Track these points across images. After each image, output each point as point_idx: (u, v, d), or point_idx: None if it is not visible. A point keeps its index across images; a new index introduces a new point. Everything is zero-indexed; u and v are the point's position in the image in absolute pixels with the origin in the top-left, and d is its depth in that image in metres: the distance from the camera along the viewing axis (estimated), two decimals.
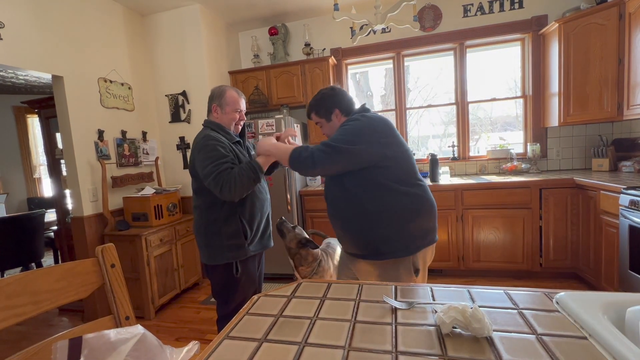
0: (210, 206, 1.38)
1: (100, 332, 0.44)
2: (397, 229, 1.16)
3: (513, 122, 3.49)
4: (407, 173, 1.21)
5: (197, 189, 1.41)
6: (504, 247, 2.60)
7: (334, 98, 1.33)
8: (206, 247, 1.42)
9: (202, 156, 1.29)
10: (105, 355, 0.42)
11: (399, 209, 1.16)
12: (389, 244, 1.16)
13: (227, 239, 1.38)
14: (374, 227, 1.16)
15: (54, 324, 2.56)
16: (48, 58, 2.18)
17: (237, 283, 1.44)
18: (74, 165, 2.35)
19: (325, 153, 1.13)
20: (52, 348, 0.40)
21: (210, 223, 1.39)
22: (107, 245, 0.68)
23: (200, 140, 1.34)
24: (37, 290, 0.57)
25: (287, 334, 0.65)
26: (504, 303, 0.71)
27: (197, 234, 1.46)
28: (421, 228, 1.20)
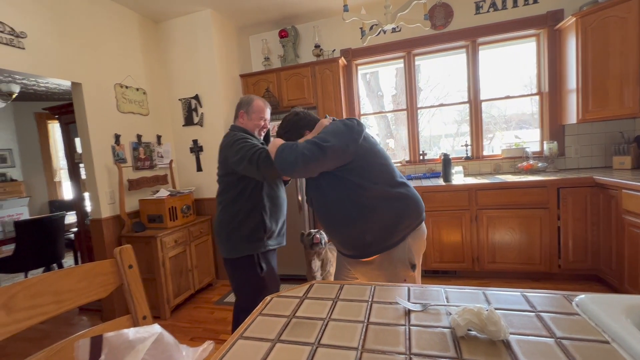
0: (233, 201, 1.47)
1: (119, 331, 0.45)
2: (384, 230, 1.18)
3: (528, 120, 3.41)
4: (389, 174, 1.23)
5: (224, 185, 1.49)
6: (521, 248, 2.54)
7: (300, 122, 1.35)
8: (227, 241, 1.49)
9: (235, 148, 1.37)
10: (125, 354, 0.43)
11: (385, 213, 1.17)
12: (378, 243, 1.19)
13: (248, 232, 1.46)
14: (362, 230, 1.18)
15: (74, 323, 2.65)
16: (67, 65, 2.26)
17: (261, 277, 1.50)
18: (92, 169, 2.42)
19: (314, 146, 1.08)
20: (74, 346, 0.41)
21: (232, 217, 1.47)
22: (125, 247, 0.70)
23: (230, 139, 1.44)
24: (59, 290, 0.59)
25: (300, 335, 0.65)
26: (521, 305, 0.69)
27: (218, 228, 1.53)
28: (408, 224, 1.21)
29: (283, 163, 1.08)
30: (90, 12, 2.45)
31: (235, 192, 1.46)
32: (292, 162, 1.05)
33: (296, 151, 1.05)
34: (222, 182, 1.50)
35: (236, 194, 1.46)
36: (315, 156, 1.05)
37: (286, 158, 1.06)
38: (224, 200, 1.50)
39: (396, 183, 1.23)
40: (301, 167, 1.06)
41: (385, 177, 1.22)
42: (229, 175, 1.46)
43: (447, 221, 2.67)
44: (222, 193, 1.50)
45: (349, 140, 1.14)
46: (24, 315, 0.54)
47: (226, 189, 1.49)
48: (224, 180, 1.49)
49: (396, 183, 1.23)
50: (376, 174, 1.20)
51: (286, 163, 1.07)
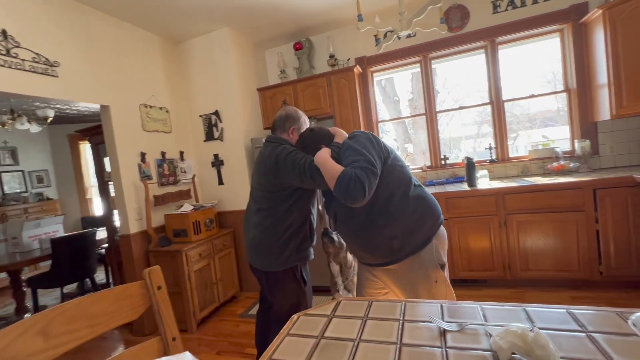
0: (285, 214, 1.44)
1: None
2: (410, 233, 1.23)
3: (554, 117, 3.25)
4: (407, 177, 1.29)
5: (274, 200, 1.44)
6: (556, 254, 2.39)
7: (315, 137, 1.40)
8: (279, 254, 1.45)
9: (289, 160, 1.34)
10: None
11: (408, 216, 1.23)
12: (406, 247, 1.23)
13: (298, 243, 1.47)
14: (389, 236, 1.23)
15: (106, 337, 2.72)
16: (96, 90, 2.39)
17: (304, 291, 1.52)
18: (120, 187, 2.52)
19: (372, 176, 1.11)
20: None
21: (285, 230, 1.44)
22: (154, 268, 0.70)
23: (281, 153, 1.38)
24: (93, 314, 0.60)
25: (330, 358, 0.63)
26: (569, 325, 0.64)
27: (267, 242, 1.47)
28: (425, 227, 1.26)
29: (354, 199, 1.09)
30: (117, 38, 2.59)
31: (286, 205, 1.43)
32: (360, 196, 1.08)
33: (361, 182, 1.08)
34: (273, 197, 1.44)
35: (287, 207, 1.43)
36: (374, 180, 1.12)
37: (356, 195, 1.07)
38: (272, 214, 1.45)
39: (413, 186, 1.28)
40: (369, 196, 1.10)
41: (404, 181, 1.27)
42: (282, 190, 1.42)
43: (474, 227, 2.57)
44: (271, 207, 1.45)
45: (379, 152, 1.21)
46: (60, 341, 0.55)
47: (278, 202, 1.44)
48: (276, 195, 1.43)
49: (413, 186, 1.28)
50: (396, 178, 1.25)
51: (357, 199, 1.08)
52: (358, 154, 1.16)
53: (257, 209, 1.51)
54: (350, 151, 1.20)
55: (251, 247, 1.54)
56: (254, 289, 3.16)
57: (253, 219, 1.53)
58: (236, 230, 3.18)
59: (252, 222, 1.54)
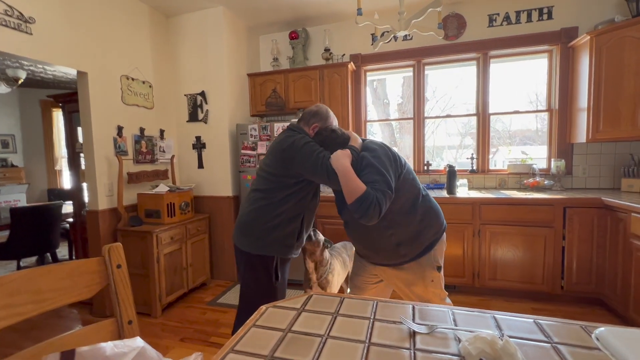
0: (282, 201, 1.41)
1: (95, 346, 0.40)
2: (414, 240, 1.35)
3: (533, 137, 3.38)
4: (416, 188, 1.37)
5: (277, 184, 1.42)
6: (523, 267, 2.48)
7: (337, 140, 1.41)
8: (259, 236, 1.42)
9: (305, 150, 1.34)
10: None
11: (415, 226, 1.35)
12: (410, 253, 1.36)
13: (283, 235, 1.43)
14: (396, 242, 1.34)
15: (63, 315, 2.59)
16: (74, 54, 2.24)
17: (274, 286, 1.47)
18: (92, 160, 2.39)
19: (388, 200, 1.19)
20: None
21: (275, 216, 1.41)
22: (115, 245, 0.65)
23: (299, 140, 1.37)
24: (39, 289, 0.54)
25: (295, 353, 0.60)
26: (535, 335, 0.64)
27: (252, 222, 1.44)
28: (429, 234, 1.38)
29: (369, 220, 1.16)
30: (101, 1, 2.43)
31: (286, 193, 1.41)
32: (375, 218, 1.16)
33: (380, 207, 1.14)
34: (274, 180, 1.42)
35: (286, 196, 1.41)
36: (389, 203, 1.20)
37: (372, 218, 1.15)
38: (269, 197, 1.43)
39: (421, 197, 1.37)
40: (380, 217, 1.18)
41: (414, 193, 1.36)
42: (287, 177, 1.40)
43: (449, 234, 2.61)
44: (271, 190, 1.43)
45: (395, 171, 1.28)
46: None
47: (277, 187, 1.42)
48: (278, 179, 1.41)
49: (421, 197, 1.37)
50: (407, 192, 1.33)
51: (372, 220, 1.16)
52: (378, 173, 1.20)
53: (254, 189, 1.49)
54: (370, 169, 1.23)
55: (238, 225, 1.50)
56: (226, 277, 3.09)
57: (247, 199, 1.51)
58: (212, 216, 3.10)
59: (244, 203, 1.52)
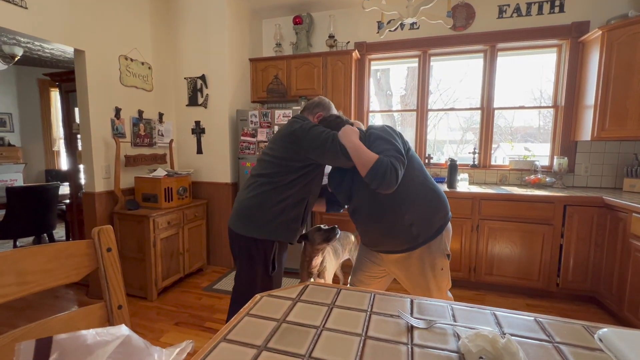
0: (287, 185, 1.40)
1: (75, 333, 0.38)
2: (426, 219, 1.32)
3: (535, 134, 3.35)
4: (424, 172, 1.38)
5: (282, 167, 1.40)
6: (520, 263, 2.48)
7: (341, 124, 1.43)
8: (262, 219, 1.40)
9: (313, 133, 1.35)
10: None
11: (426, 204, 1.33)
12: (422, 234, 1.31)
13: (287, 219, 1.42)
14: (409, 221, 1.30)
15: (59, 296, 2.60)
16: (71, 31, 2.17)
17: (270, 277, 1.45)
18: (89, 141, 2.35)
19: (402, 166, 1.20)
20: (15, 349, 0.35)
21: (280, 200, 1.40)
22: (105, 227, 0.63)
23: (305, 125, 1.39)
24: (24, 270, 0.52)
25: (289, 344, 0.59)
26: (536, 333, 0.63)
27: (255, 206, 1.41)
28: (438, 217, 1.35)
29: (388, 187, 1.17)
30: None
31: (292, 177, 1.40)
32: (394, 184, 1.17)
33: (397, 171, 1.16)
34: (280, 164, 1.40)
35: (292, 180, 1.40)
36: (403, 170, 1.21)
37: (391, 183, 1.16)
38: (275, 181, 1.40)
39: (428, 179, 1.38)
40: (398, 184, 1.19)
41: (422, 171, 1.37)
42: (294, 160, 1.39)
43: None
44: (276, 174, 1.41)
45: (403, 144, 1.31)
46: None
47: (283, 171, 1.40)
48: (285, 163, 1.40)
49: (428, 179, 1.38)
50: (415, 168, 1.34)
51: (391, 187, 1.17)
52: (388, 143, 1.23)
53: (257, 174, 1.45)
54: (379, 141, 1.26)
55: (237, 210, 1.45)
56: (222, 263, 3.10)
57: (248, 185, 1.47)
58: (210, 202, 3.08)
59: (244, 190, 1.47)
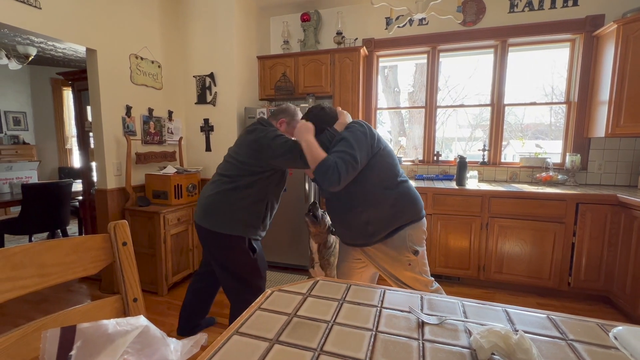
0: (247, 185, 1.52)
1: (97, 323, 0.39)
2: (384, 221, 1.37)
3: (546, 131, 3.29)
4: (393, 172, 1.40)
5: (244, 170, 1.52)
6: (530, 261, 2.44)
7: (325, 117, 1.47)
8: (224, 215, 1.52)
9: (278, 141, 1.46)
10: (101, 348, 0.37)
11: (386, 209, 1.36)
12: (378, 233, 1.37)
13: (247, 216, 1.54)
14: (366, 221, 1.37)
15: (73, 290, 2.66)
16: (83, 30, 2.21)
17: (254, 259, 1.58)
18: (101, 139, 2.39)
19: (351, 169, 1.23)
20: (42, 336, 0.36)
21: (240, 198, 1.52)
22: (120, 222, 0.64)
23: (270, 132, 1.50)
24: (44, 263, 0.54)
25: (301, 337, 0.59)
26: (549, 331, 0.62)
27: (218, 202, 1.54)
28: (400, 218, 1.38)
29: (328, 184, 1.23)
30: None
31: (252, 179, 1.52)
32: (335, 183, 1.22)
33: (338, 172, 1.21)
34: (242, 168, 1.53)
35: (253, 181, 1.52)
36: (352, 173, 1.25)
37: (331, 179, 1.22)
38: (236, 180, 1.53)
39: (398, 182, 1.40)
40: (343, 184, 1.24)
41: (390, 175, 1.39)
42: (255, 166, 1.51)
43: (456, 226, 2.59)
44: (237, 176, 1.53)
45: (368, 148, 1.32)
46: (2, 287, 0.49)
47: (244, 174, 1.52)
48: (246, 167, 1.52)
49: (398, 182, 1.40)
50: (382, 172, 1.37)
51: (332, 183, 1.22)
52: (346, 145, 1.27)
53: (220, 174, 1.59)
54: (343, 142, 1.30)
55: (202, 206, 1.58)
56: None
57: (211, 184, 1.60)
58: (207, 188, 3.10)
59: (209, 186, 1.61)
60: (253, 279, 1.61)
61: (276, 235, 2.90)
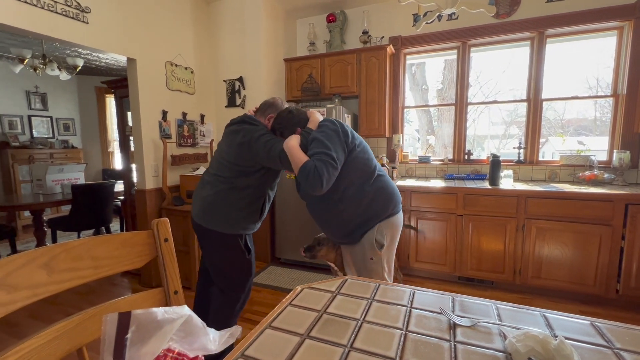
0: (247, 186, 1.53)
1: (148, 310, 0.43)
2: (360, 220, 1.37)
3: (590, 126, 3.06)
4: (369, 167, 1.38)
5: (237, 171, 1.52)
6: (572, 266, 2.29)
7: (293, 119, 1.47)
8: (223, 214, 1.53)
9: (262, 141, 1.45)
10: (152, 333, 0.41)
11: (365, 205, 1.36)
12: (354, 233, 1.39)
13: (246, 214, 1.55)
14: (344, 223, 1.38)
15: (116, 283, 2.86)
16: (125, 41, 2.37)
17: (247, 259, 1.61)
18: (140, 142, 2.55)
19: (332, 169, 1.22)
20: (102, 320, 0.40)
21: (238, 198, 1.53)
22: (162, 220, 0.69)
23: (254, 133, 1.48)
24: (97, 256, 0.59)
25: (331, 334, 0.61)
26: (593, 338, 0.59)
27: (214, 202, 1.53)
28: (380, 212, 1.38)
29: (312, 189, 1.22)
30: None
31: (247, 180, 1.52)
32: (318, 187, 1.21)
33: (320, 175, 1.20)
34: (235, 169, 1.52)
35: (249, 181, 1.53)
36: (333, 173, 1.24)
37: (314, 184, 1.21)
38: (232, 182, 1.53)
39: (375, 177, 1.39)
40: (327, 187, 1.23)
41: (366, 172, 1.38)
42: (247, 166, 1.51)
43: (488, 227, 2.48)
44: (233, 177, 1.53)
45: (343, 145, 1.31)
46: (63, 277, 0.55)
47: (238, 175, 1.52)
48: (239, 168, 1.51)
49: (375, 177, 1.39)
50: (358, 170, 1.35)
51: (315, 187, 1.21)
52: (322, 146, 1.25)
53: (215, 174, 1.57)
54: (315, 142, 1.29)
55: (201, 205, 1.56)
56: (259, 258, 3.21)
57: (207, 184, 1.58)
58: None
59: (205, 187, 1.58)
60: (245, 277, 1.63)
61: (301, 236, 2.94)
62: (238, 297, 1.63)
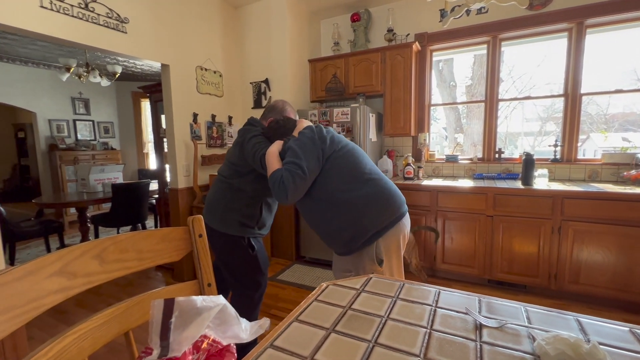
0: (241, 187, 1.56)
1: (189, 297, 0.48)
2: (354, 230, 1.25)
3: (637, 121, 2.82)
4: (358, 171, 1.30)
5: (234, 170, 1.57)
6: (615, 272, 2.14)
7: (280, 130, 1.48)
8: (220, 214, 1.57)
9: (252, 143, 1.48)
10: (192, 319, 0.45)
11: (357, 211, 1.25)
12: (350, 243, 1.27)
13: (241, 216, 1.55)
14: (336, 233, 1.28)
15: (151, 277, 3.04)
16: (159, 48, 2.51)
17: (254, 255, 1.60)
18: (173, 144, 2.69)
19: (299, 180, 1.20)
20: (150, 304, 0.45)
21: (235, 200, 1.56)
22: (197, 217, 0.74)
23: (248, 134, 1.52)
24: (141, 249, 0.65)
25: (356, 329, 0.62)
26: (631, 345, 0.56)
27: (215, 202, 1.59)
28: (375, 221, 1.25)
29: (279, 197, 1.23)
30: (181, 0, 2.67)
31: (242, 180, 1.54)
32: (283, 197, 1.21)
33: (285, 186, 1.19)
34: (233, 169, 1.57)
35: (243, 183, 1.55)
36: (300, 183, 1.21)
37: (279, 193, 1.21)
38: (229, 182, 1.57)
39: (364, 181, 1.28)
40: (293, 197, 1.22)
41: (354, 176, 1.29)
42: (242, 167, 1.54)
43: (521, 229, 2.38)
44: (230, 177, 1.57)
45: (319, 153, 1.26)
46: (112, 267, 0.60)
47: (234, 175, 1.56)
48: (236, 167, 1.56)
49: (364, 181, 1.28)
50: (343, 175, 1.28)
51: (281, 197, 1.22)
52: (294, 155, 1.24)
53: (219, 174, 1.65)
54: (290, 151, 1.27)
55: (206, 204, 1.65)
56: (285, 256, 3.28)
57: (215, 182, 1.67)
58: None
59: (213, 184, 1.67)
60: (255, 275, 1.62)
61: None
62: (250, 295, 1.63)
